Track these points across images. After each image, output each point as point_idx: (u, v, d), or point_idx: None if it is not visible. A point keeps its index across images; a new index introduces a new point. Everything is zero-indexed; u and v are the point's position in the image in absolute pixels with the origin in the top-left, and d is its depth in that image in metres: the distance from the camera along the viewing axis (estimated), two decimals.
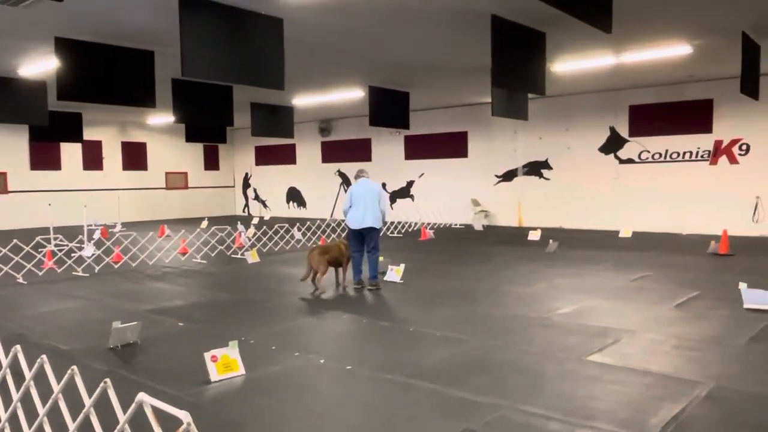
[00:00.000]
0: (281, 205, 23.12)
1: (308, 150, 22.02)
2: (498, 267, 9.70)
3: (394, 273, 8.55)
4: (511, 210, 17.08)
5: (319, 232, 13.62)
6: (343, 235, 8.43)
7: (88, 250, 10.88)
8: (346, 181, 21.01)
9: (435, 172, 18.60)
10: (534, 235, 13.60)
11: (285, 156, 22.73)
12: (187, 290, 8.16)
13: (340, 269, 8.08)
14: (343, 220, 15.20)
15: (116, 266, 10.15)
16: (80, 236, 13.65)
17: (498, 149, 17.21)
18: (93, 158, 20.54)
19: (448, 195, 18.15)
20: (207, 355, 4.54)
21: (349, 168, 20.69)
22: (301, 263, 10.57)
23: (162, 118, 19.35)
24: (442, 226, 17.10)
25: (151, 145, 21.95)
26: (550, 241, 11.54)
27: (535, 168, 16.59)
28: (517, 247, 12.34)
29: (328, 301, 7.24)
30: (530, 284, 8.09)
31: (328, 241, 8.57)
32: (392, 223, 15.89)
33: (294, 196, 22.73)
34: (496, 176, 17.31)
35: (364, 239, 7.93)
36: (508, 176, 17.11)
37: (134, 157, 21.53)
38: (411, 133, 18.32)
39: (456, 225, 17.42)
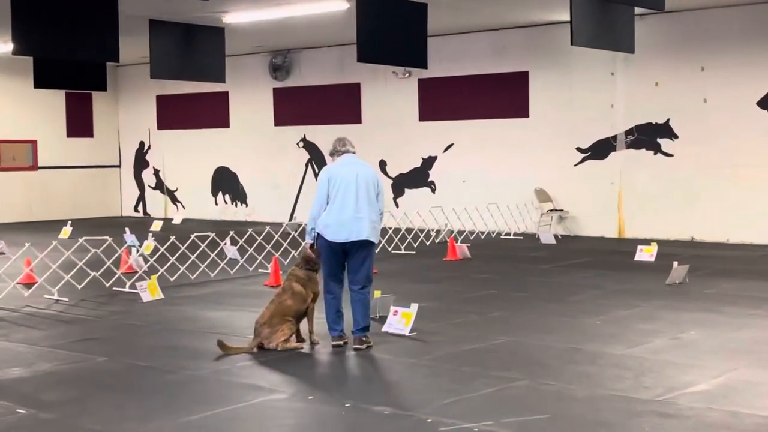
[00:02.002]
0: (203, 199, 23.11)
1: (251, 103, 22.01)
2: (581, 309, 9.62)
3: (400, 320, 8.52)
4: (604, 209, 17.07)
5: (269, 248, 13.59)
6: (298, 255, 8.25)
7: None
8: (316, 159, 21.01)
9: (472, 143, 18.60)
10: (646, 254, 13.59)
11: (210, 113, 22.74)
12: (35, 350, 8.07)
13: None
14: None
15: None
16: None
17: (582, 103, 17.20)
18: None
19: (494, 183, 18.14)
20: None
21: (324, 135, 20.68)
22: (238, 302, 10.49)
23: None
24: (483, 237, 17.07)
25: None
26: (675, 263, 11.50)
27: (649, 136, 16.58)
28: (616, 274, 12.29)
29: (283, 370, 7.18)
30: (639, 340, 8.04)
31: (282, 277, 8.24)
32: (394, 230, 15.86)
33: (226, 183, 22.72)
34: (579, 150, 17.30)
35: (345, 263, 7.89)
36: (600, 150, 17.10)
37: None
38: (430, 74, 18.31)
39: (508, 234, 17.40)
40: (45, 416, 6.01)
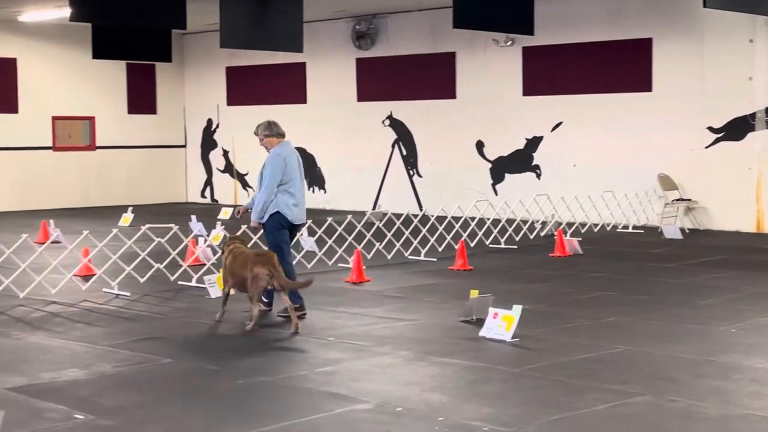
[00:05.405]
0: None
1: (331, 76, 22.14)
2: (712, 315, 9.50)
3: (500, 324, 8.51)
4: (740, 199, 16.78)
5: (350, 239, 13.69)
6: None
7: None
8: (404, 138, 21.05)
9: (584, 122, 18.42)
10: None
11: (285, 88, 22.95)
12: (93, 350, 8.28)
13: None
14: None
15: None
16: None
17: (715, 75, 16.87)
18: None
19: (609, 168, 17.94)
20: None
21: (413, 112, 20.71)
22: (316, 300, 10.61)
23: (48, 12, 19.79)
24: (596, 230, 16.91)
25: (27, 64, 22.55)
26: None
27: None
28: (755, 274, 12.07)
29: (367, 377, 7.25)
30: None
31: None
32: (493, 221, 15.78)
33: (303, 167, 22.85)
34: (711, 130, 16.98)
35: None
36: (736, 130, 16.77)
37: None
38: (536, 42, 18.18)
39: (626, 227, 17.20)
40: (105, 423, 6.17)
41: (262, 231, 9.85)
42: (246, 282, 8.92)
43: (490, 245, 15.08)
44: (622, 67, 17.90)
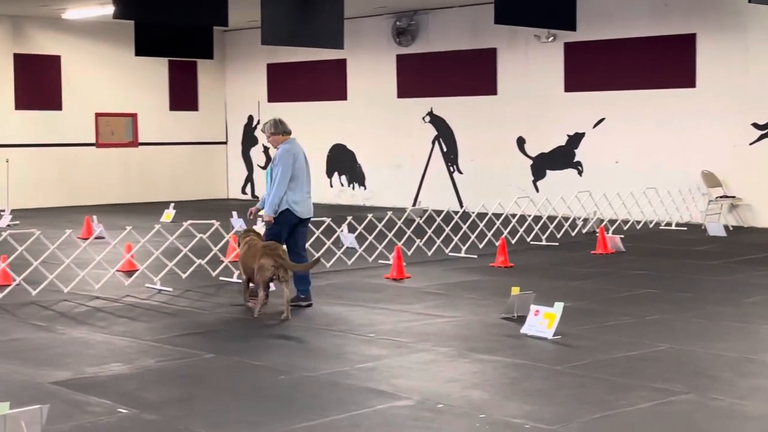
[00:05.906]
0: (317, 180, 23.26)
1: (371, 72, 22.16)
2: (757, 313, 9.44)
3: (542, 321, 8.50)
4: None
5: (391, 236, 13.70)
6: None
7: None
8: (444, 135, 21.04)
9: (626, 118, 18.32)
10: None
11: (326, 84, 23.00)
12: (136, 344, 8.38)
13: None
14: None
15: (0, 294, 10.57)
16: None
17: (760, 70, 16.71)
18: None
19: (652, 165, 17.84)
20: None
21: (454, 108, 20.69)
22: (357, 296, 10.63)
23: (91, 9, 19.99)
24: (639, 227, 16.81)
25: (71, 61, 22.80)
26: None
27: None
28: None
29: (408, 373, 7.26)
30: None
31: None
32: (534, 218, 15.72)
33: (342, 163, 22.96)
34: (756, 126, 16.82)
35: (292, 236, 10.11)
36: None
37: (38, 84, 22.39)
38: (578, 37, 18.09)
39: (669, 224, 17.08)
40: (148, 417, 6.24)
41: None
42: (254, 272, 9.40)
43: (531, 242, 15.05)
44: (666, 62, 17.79)
